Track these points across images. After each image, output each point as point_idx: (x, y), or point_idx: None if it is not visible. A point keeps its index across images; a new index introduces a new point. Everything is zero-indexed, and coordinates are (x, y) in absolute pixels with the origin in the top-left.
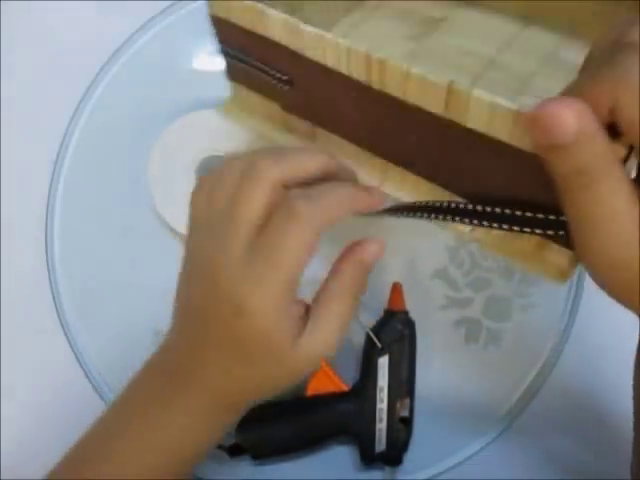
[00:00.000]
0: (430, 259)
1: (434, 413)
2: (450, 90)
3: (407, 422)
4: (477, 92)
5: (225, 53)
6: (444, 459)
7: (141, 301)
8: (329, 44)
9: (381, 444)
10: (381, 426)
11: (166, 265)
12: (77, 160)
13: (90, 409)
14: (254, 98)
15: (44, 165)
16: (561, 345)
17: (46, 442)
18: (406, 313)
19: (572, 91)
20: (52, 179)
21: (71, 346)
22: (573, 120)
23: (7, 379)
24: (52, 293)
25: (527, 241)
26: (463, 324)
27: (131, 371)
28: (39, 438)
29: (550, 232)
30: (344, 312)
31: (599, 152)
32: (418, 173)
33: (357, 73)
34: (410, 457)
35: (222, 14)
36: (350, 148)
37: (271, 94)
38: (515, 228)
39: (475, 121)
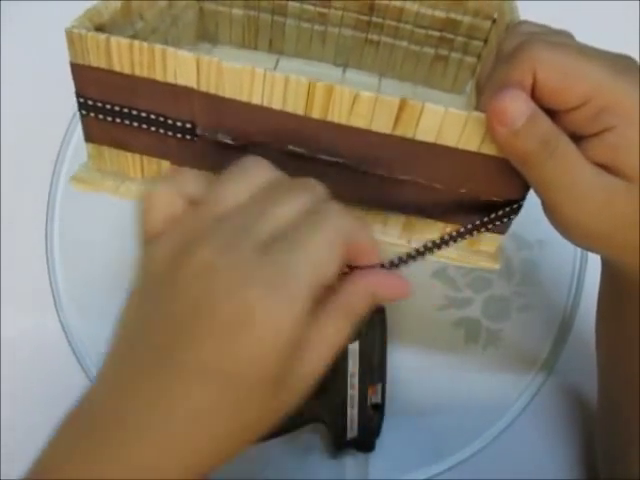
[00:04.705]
0: (429, 259)
1: (434, 413)
2: (402, 105)
3: (379, 408)
4: (428, 104)
5: (87, 108)
6: (444, 459)
7: None
8: (258, 79)
9: (353, 430)
10: (353, 412)
11: None
12: (77, 160)
13: None
14: (124, 159)
15: (44, 165)
16: (561, 345)
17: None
18: None
19: (496, 84)
20: (52, 179)
21: (71, 346)
22: (523, 102)
23: (7, 379)
24: (52, 293)
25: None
26: (462, 324)
27: None
28: (39, 438)
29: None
30: (338, 339)
31: (550, 124)
32: (355, 202)
33: (294, 105)
34: (410, 457)
35: (100, 62)
36: None
37: (154, 150)
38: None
39: (425, 133)
